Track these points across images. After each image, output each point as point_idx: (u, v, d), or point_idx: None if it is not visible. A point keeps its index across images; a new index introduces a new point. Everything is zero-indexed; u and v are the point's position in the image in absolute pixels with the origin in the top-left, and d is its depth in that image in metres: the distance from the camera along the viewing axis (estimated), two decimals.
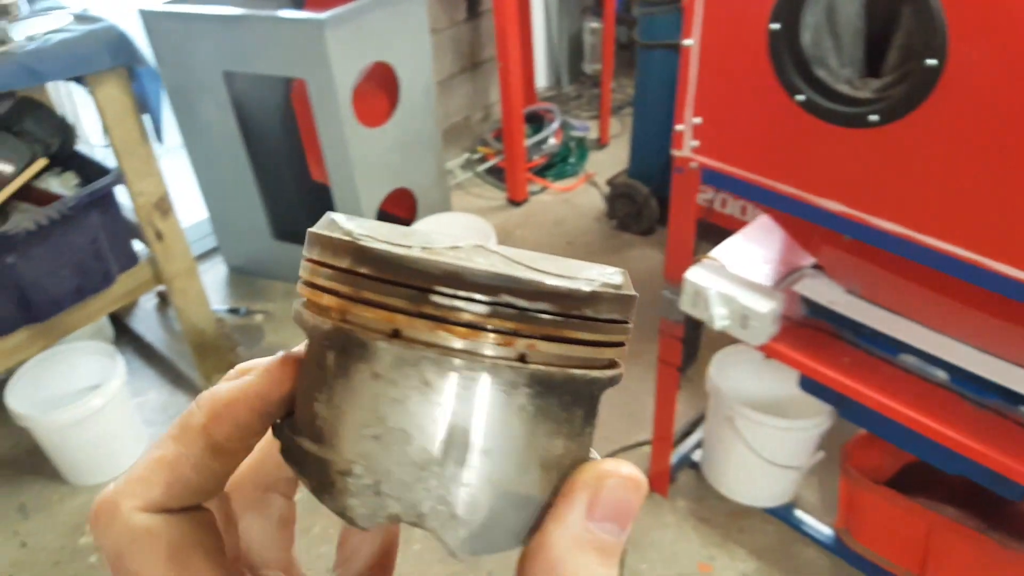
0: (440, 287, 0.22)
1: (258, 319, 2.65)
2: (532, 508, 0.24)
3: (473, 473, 0.23)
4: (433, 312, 0.23)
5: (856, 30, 1.11)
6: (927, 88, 1.01)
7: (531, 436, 0.24)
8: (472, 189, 3.39)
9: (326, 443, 0.24)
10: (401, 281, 0.23)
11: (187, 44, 2.31)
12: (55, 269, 1.77)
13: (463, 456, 0.23)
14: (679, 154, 1.37)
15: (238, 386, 0.26)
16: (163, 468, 0.25)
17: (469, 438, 0.23)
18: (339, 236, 0.24)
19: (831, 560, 1.78)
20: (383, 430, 0.23)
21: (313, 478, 0.24)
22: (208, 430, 0.25)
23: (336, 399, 0.24)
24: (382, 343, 0.23)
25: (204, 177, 2.67)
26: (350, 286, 0.24)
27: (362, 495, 0.23)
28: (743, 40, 1.18)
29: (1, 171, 1.72)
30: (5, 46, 1.53)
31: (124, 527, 0.24)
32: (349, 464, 0.23)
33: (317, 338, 0.25)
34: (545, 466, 0.24)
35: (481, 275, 0.22)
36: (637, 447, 2.11)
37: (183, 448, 0.25)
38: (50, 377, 2.06)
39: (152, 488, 0.25)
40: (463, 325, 0.23)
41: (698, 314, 1.46)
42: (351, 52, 2.22)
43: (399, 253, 0.23)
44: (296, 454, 0.25)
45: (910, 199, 1.09)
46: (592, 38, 3.89)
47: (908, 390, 1.29)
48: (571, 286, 0.23)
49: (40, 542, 1.95)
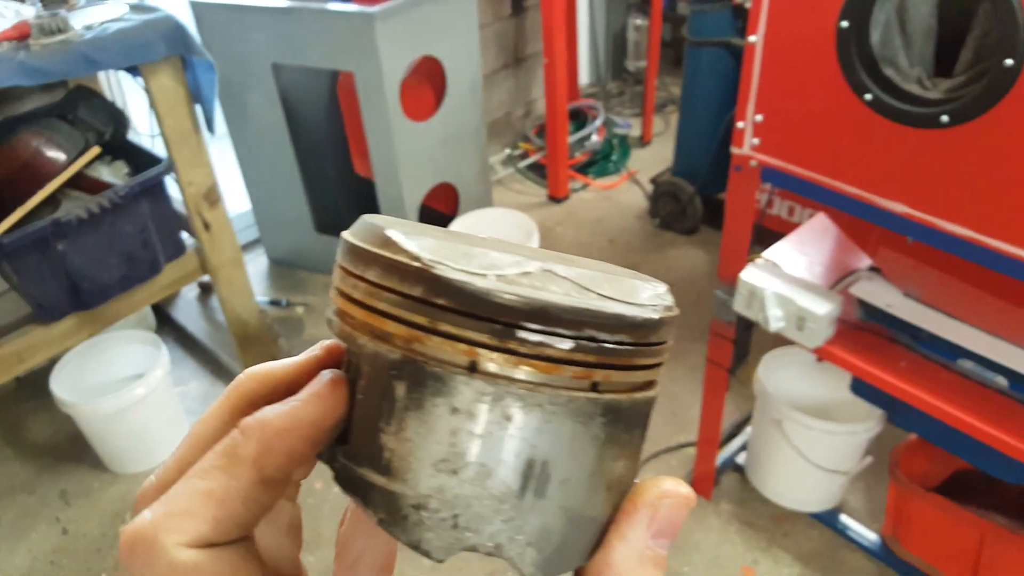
0: (526, 323, 0.22)
1: (299, 311, 2.65)
2: (597, 527, 0.25)
3: (550, 503, 0.23)
4: (518, 348, 0.22)
5: (928, 28, 1.09)
6: (1003, 89, 0.98)
7: (601, 461, 0.24)
8: (513, 185, 3.38)
9: (396, 476, 0.23)
10: (484, 315, 0.22)
11: (237, 36, 2.32)
12: (104, 257, 1.78)
13: (542, 488, 0.23)
14: (738, 152, 1.36)
15: (289, 414, 0.25)
16: (211, 503, 0.23)
17: (548, 470, 0.23)
18: (406, 260, 0.23)
19: (877, 567, 1.75)
20: (461, 464, 0.23)
21: (382, 510, 0.24)
22: (260, 463, 0.24)
23: (408, 432, 0.23)
24: (463, 378, 0.22)
25: (248, 168, 2.67)
26: (423, 316, 0.23)
27: (438, 529, 0.23)
28: (810, 37, 1.16)
29: (54, 159, 1.72)
30: (64, 35, 1.53)
31: (168, 564, 0.23)
32: (424, 498, 0.23)
33: (380, 367, 0.24)
34: (609, 487, 0.25)
35: (568, 311, 0.22)
36: (679, 448, 2.09)
37: (233, 481, 0.24)
38: (94, 365, 2.08)
39: (199, 524, 0.23)
40: (547, 360, 0.22)
41: (752, 315, 1.45)
42: (400, 46, 2.21)
43: (481, 286, 0.22)
44: (358, 485, 0.25)
45: (979, 202, 1.07)
46: (636, 35, 3.86)
47: (966, 396, 1.27)
48: (645, 315, 0.24)
49: (81, 529, 1.96)
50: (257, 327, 2.20)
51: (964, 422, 1.23)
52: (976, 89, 1.00)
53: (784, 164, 1.29)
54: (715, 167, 2.79)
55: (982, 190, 1.06)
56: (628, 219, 3.11)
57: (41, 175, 1.69)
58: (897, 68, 1.09)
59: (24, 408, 2.30)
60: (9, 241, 1.59)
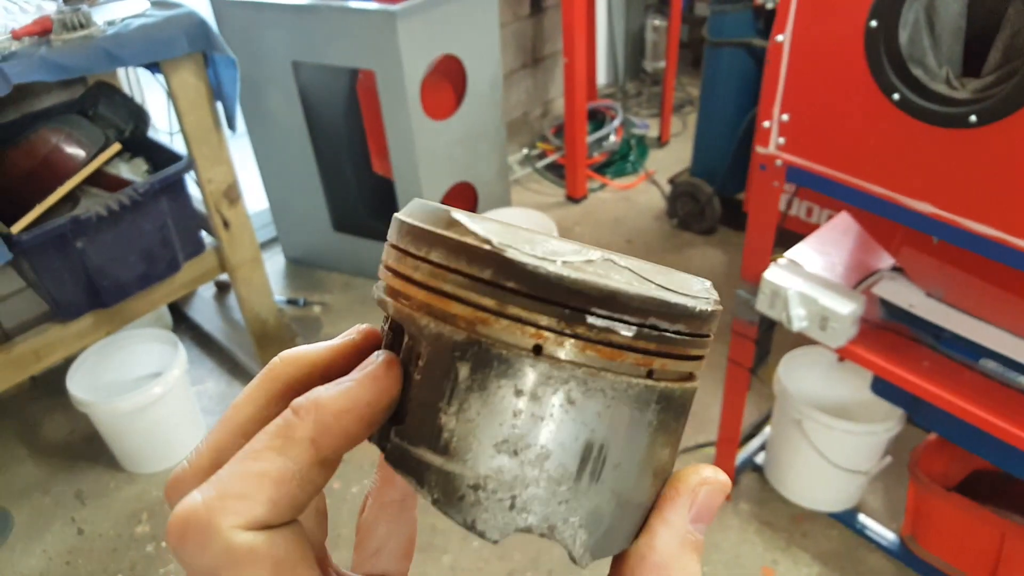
0: (595, 308, 0.23)
1: (316, 311, 2.63)
2: (641, 512, 0.25)
3: (603, 487, 0.24)
4: (585, 333, 0.23)
5: (956, 28, 1.09)
6: None
7: (651, 448, 0.25)
8: (530, 185, 3.35)
9: (455, 456, 0.23)
10: (554, 300, 0.22)
11: (257, 33, 2.30)
12: (123, 255, 1.76)
13: (598, 471, 0.23)
14: (764, 151, 1.36)
15: (345, 394, 0.24)
16: (267, 484, 0.23)
17: (605, 454, 0.23)
18: (475, 243, 0.23)
19: (896, 567, 1.76)
20: (523, 446, 0.23)
21: (437, 490, 0.24)
22: (317, 443, 0.23)
23: (470, 412, 0.23)
24: (529, 360, 0.23)
25: (267, 167, 2.66)
26: (492, 299, 0.23)
27: (494, 509, 0.23)
28: (838, 37, 1.17)
29: (73, 155, 1.71)
30: (86, 30, 1.52)
31: (224, 547, 0.22)
32: (483, 479, 0.23)
33: (444, 348, 0.24)
34: (656, 474, 0.25)
35: (635, 299, 0.23)
36: (698, 448, 2.09)
37: (289, 463, 0.23)
38: (111, 363, 2.06)
39: (255, 506, 0.23)
40: (611, 345, 0.23)
41: (775, 315, 1.45)
42: (421, 44, 2.19)
43: (552, 271, 0.22)
44: (413, 465, 0.24)
45: (1007, 202, 1.07)
46: (654, 36, 3.83)
47: (989, 396, 1.27)
48: (701, 307, 0.24)
49: (97, 529, 1.95)
50: (275, 326, 2.18)
51: (987, 422, 1.23)
52: (1005, 89, 1.00)
53: (810, 163, 1.30)
54: (734, 167, 2.78)
55: (1010, 190, 1.06)
56: (646, 219, 3.09)
57: (60, 172, 1.68)
58: (925, 68, 1.09)
59: (40, 407, 2.29)
60: (28, 239, 1.57)
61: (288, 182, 2.65)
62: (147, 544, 1.90)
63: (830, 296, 1.37)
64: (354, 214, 2.74)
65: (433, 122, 2.35)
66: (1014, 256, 1.08)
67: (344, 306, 2.66)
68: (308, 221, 2.72)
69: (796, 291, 1.40)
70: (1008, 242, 1.08)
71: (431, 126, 2.35)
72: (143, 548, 1.89)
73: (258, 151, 2.62)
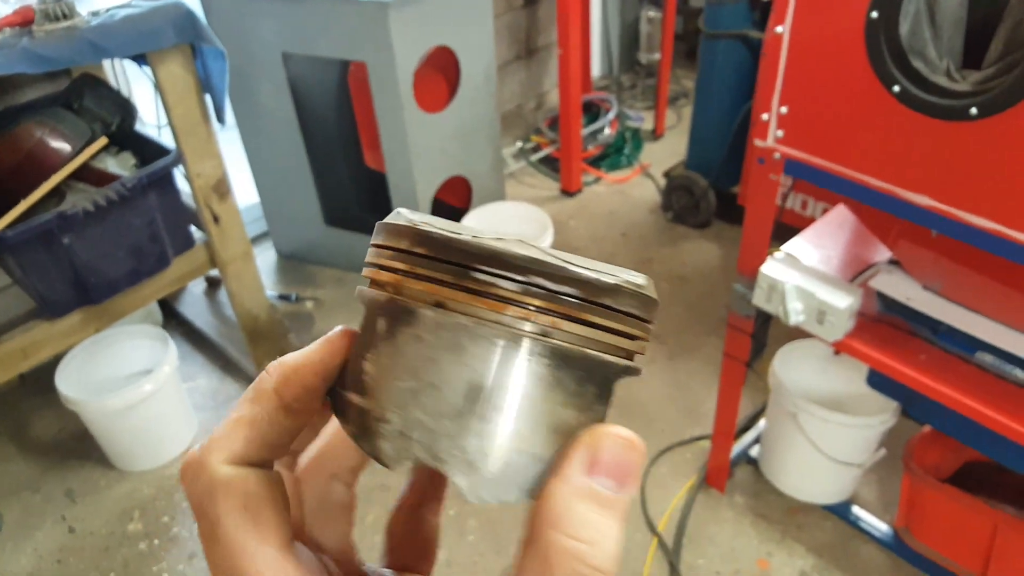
0: (481, 266, 0.26)
1: (308, 306, 2.61)
2: (541, 467, 0.27)
3: (488, 427, 0.26)
4: (473, 286, 0.26)
5: (957, 19, 1.09)
6: None
7: (543, 402, 0.26)
8: (525, 179, 3.33)
9: (369, 395, 0.27)
10: (449, 260, 0.26)
11: (246, 24, 2.27)
12: (111, 251, 1.73)
13: (482, 411, 0.26)
14: (762, 144, 1.35)
15: (303, 353, 0.30)
16: (242, 426, 0.28)
17: (489, 396, 0.26)
18: (402, 223, 0.28)
19: (890, 558, 1.77)
20: (417, 384, 0.26)
21: (353, 424, 0.28)
22: (279, 391, 0.29)
23: (383, 358, 0.27)
24: (426, 311, 0.26)
25: (257, 160, 2.63)
26: (406, 264, 0.27)
27: (392, 439, 0.26)
28: (838, 28, 1.16)
29: (59, 149, 1.68)
30: (70, 21, 1.49)
31: (209, 478, 0.27)
32: (385, 412, 0.27)
33: (372, 308, 0.29)
34: (555, 431, 0.27)
35: (518, 258, 0.26)
36: (693, 442, 2.09)
37: (258, 408, 0.29)
38: (100, 361, 2.04)
39: (233, 443, 0.28)
40: (496, 299, 0.26)
41: (772, 309, 1.46)
42: (414, 36, 2.16)
43: (450, 235, 0.26)
44: (342, 406, 0.29)
45: (1008, 195, 1.07)
46: (649, 27, 3.81)
47: (985, 388, 1.28)
48: (595, 276, 0.26)
49: (88, 527, 1.93)
50: (267, 322, 2.16)
51: (984, 415, 1.24)
52: (1006, 81, 1.00)
53: (808, 156, 1.29)
54: (729, 161, 2.76)
55: (1010, 183, 1.06)
56: (641, 213, 3.08)
57: (46, 166, 1.65)
58: (926, 60, 1.09)
59: (29, 405, 2.27)
60: (13, 235, 1.55)
61: (279, 176, 2.62)
62: (139, 542, 1.88)
63: (827, 290, 1.38)
64: (346, 208, 2.71)
65: (426, 115, 2.33)
66: (1013, 249, 1.08)
67: (337, 301, 2.64)
68: (300, 215, 2.69)
69: (793, 285, 1.40)
70: (1007, 235, 1.07)
71: (424, 119, 2.32)
72: (135, 546, 1.87)
73: (248, 144, 2.59)
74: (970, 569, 1.57)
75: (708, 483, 1.95)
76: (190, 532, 1.90)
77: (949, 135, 1.08)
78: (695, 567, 1.78)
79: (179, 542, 1.88)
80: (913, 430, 1.68)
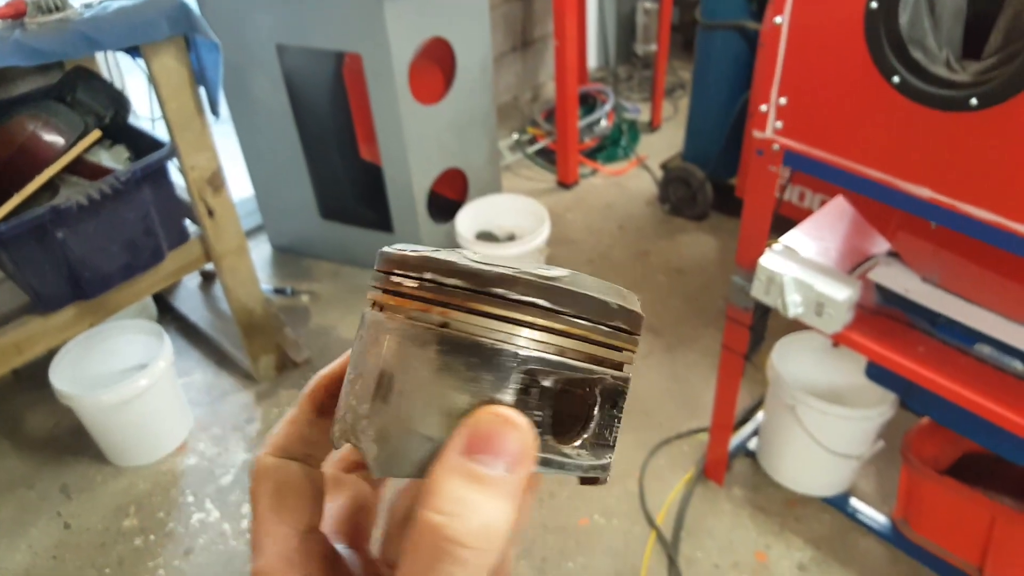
0: (395, 269, 0.29)
1: (304, 299, 2.60)
2: (432, 447, 0.28)
3: (389, 408, 0.28)
4: (390, 288, 0.29)
5: (957, 9, 1.08)
6: None
7: (435, 386, 0.28)
8: (521, 171, 3.32)
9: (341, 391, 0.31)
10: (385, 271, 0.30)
11: (240, 15, 2.25)
12: (105, 245, 1.72)
13: (386, 394, 0.28)
14: (760, 135, 1.35)
15: (336, 362, 0.35)
16: (287, 424, 0.34)
17: (391, 382, 0.28)
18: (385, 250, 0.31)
19: (888, 550, 1.77)
20: (354, 374, 0.30)
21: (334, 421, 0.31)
22: (312, 396, 0.34)
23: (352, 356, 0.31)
24: (367, 312, 0.31)
25: (251, 153, 2.61)
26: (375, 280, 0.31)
27: (338, 423, 0.30)
28: (837, 18, 1.16)
29: (52, 143, 1.66)
30: (62, 13, 1.47)
31: (258, 467, 0.33)
32: (340, 402, 0.31)
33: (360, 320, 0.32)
34: (447, 414, 0.28)
35: (414, 259, 0.29)
36: (691, 435, 2.08)
37: (298, 411, 0.34)
38: (95, 356, 2.03)
39: (279, 439, 0.33)
40: (400, 295, 0.29)
41: (771, 301, 1.45)
42: (409, 27, 2.15)
43: (388, 250, 0.30)
44: None
45: (1008, 186, 1.07)
46: (645, 18, 3.79)
47: (984, 380, 1.28)
48: (480, 268, 0.28)
49: (84, 523, 1.92)
50: (262, 316, 2.15)
51: (982, 406, 1.24)
52: (1006, 71, 1.00)
53: (807, 148, 1.29)
54: (726, 152, 2.75)
55: (1010, 174, 1.05)
56: (638, 205, 3.07)
57: (39, 160, 1.63)
58: (925, 50, 1.08)
59: (23, 400, 2.25)
60: (6, 229, 1.53)
61: (274, 169, 2.60)
62: (135, 538, 1.87)
63: (826, 282, 1.37)
64: (342, 201, 2.70)
65: (422, 107, 2.31)
66: (1013, 241, 1.08)
67: (332, 295, 2.62)
68: (295, 208, 2.68)
69: (792, 277, 1.39)
70: (1007, 227, 1.07)
71: (420, 111, 2.31)
72: (131, 542, 1.86)
73: (242, 137, 2.57)
74: (968, 560, 1.57)
75: (706, 476, 1.95)
76: (185, 528, 1.89)
77: (949, 126, 1.07)
78: (693, 560, 1.78)
79: (175, 537, 1.87)
80: (911, 422, 1.68)
